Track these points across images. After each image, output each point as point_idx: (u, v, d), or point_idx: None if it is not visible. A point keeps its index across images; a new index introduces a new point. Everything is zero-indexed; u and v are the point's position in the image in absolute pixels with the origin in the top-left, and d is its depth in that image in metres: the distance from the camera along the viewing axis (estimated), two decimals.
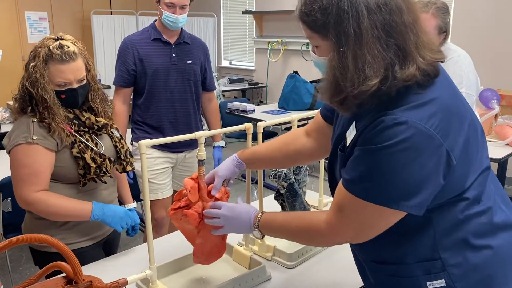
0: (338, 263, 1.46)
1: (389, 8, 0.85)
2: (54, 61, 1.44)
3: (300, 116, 1.56)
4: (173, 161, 2.41)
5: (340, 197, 0.94)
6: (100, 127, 1.57)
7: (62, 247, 1.09)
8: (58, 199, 1.47)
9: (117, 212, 1.54)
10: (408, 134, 0.83)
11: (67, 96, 1.49)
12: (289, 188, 1.50)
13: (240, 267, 1.42)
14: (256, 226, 1.11)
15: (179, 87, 2.33)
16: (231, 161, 1.30)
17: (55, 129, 1.44)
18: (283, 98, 4.49)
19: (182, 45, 2.34)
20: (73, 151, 1.48)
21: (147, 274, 1.22)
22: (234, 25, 7.16)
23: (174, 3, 2.18)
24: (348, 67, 0.85)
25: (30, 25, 6.17)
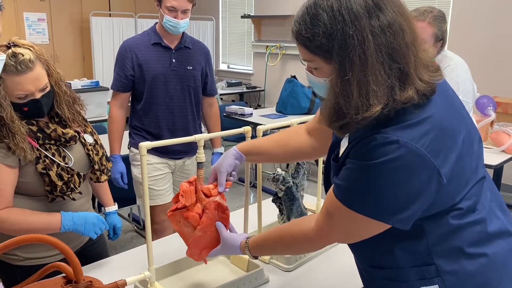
0: (335, 266, 1.47)
1: (393, 30, 0.84)
2: (9, 73, 1.29)
3: (299, 120, 1.57)
4: (172, 168, 2.38)
5: (330, 203, 0.96)
6: (67, 139, 1.44)
7: (63, 247, 1.10)
8: (22, 215, 1.37)
9: (88, 218, 1.44)
10: (399, 153, 0.84)
11: (30, 108, 1.37)
12: (287, 191, 1.51)
13: (238, 270, 1.43)
14: (247, 252, 1.17)
15: (179, 94, 2.28)
16: (231, 154, 1.31)
17: (14, 150, 1.32)
18: (281, 102, 4.51)
19: (183, 50, 2.29)
20: (37, 167, 1.37)
21: (146, 276, 1.23)
22: (232, 29, 7.18)
23: (175, 7, 2.12)
24: (353, 94, 0.84)
25: (28, 26, 6.16)
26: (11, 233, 1.37)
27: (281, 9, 6.18)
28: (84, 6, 6.59)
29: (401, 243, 0.96)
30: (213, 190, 1.26)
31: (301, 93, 4.40)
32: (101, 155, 1.58)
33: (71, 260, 1.10)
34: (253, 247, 1.15)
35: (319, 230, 1.00)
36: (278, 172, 1.49)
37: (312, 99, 4.42)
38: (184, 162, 2.41)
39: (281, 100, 4.51)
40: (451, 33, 4.65)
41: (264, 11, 6.44)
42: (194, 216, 1.21)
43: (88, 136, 1.56)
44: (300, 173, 1.56)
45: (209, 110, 2.51)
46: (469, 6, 4.47)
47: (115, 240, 1.70)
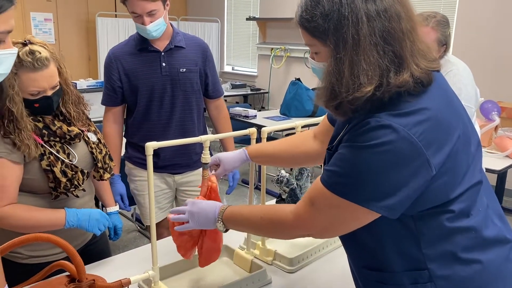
0: (339, 268, 1.48)
1: (388, 15, 0.86)
2: (26, 69, 1.32)
3: (304, 122, 1.57)
4: (171, 185, 2.17)
5: (314, 190, 0.95)
6: (72, 136, 1.46)
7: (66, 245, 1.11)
8: (27, 211, 1.38)
9: (92, 215, 1.45)
10: (390, 138, 0.84)
11: (41, 105, 1.39)
12: (291, 193, 1.51)
13: (241, 271, 1.44)
14: (220, 218, 1.11)
15: (175, 101, 2.02)
16: (240, 156, 1.34)
17: (19, 146, 1.34)
18: (285, 105, 4.52)
19: (174, 51, 2.01)
20: (42, 164, 1.38)
21: (150, 275, 1.24)
22: (237, 31, 7.20)
23: (137, 12, 1.85)
24: (344, 73, 0.87)
25: (35, 25, 6.20)
26: (15, 229, 1.39)
27: (286, 12, 6.19)
28: (90, 6, 6.62)
29: (394, 244, 0.96)
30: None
31: (305, 95, 4.41)
32: (104, 153, 1.59)
33: (74, 259, 1.12)
34: (227, 218, 1.11)
35: (297, 215, 0.98)
36: (282, 174, 1.50)
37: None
38: (186, 179, 2.18)
39: (285, 102, 4.53)
40: (456, 38, 4.64)
41: (269, 13, 6.45)
42: None
43: (91, 134, 1.57)
44: (304, 175, 1.57)
45: (217, 114, 2.24)
46: (474, 11, 4.47)
47: (116, 240, 1.70)
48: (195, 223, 1.16)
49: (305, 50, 5.94)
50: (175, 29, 2.05)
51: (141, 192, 2.16)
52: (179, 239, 1.25)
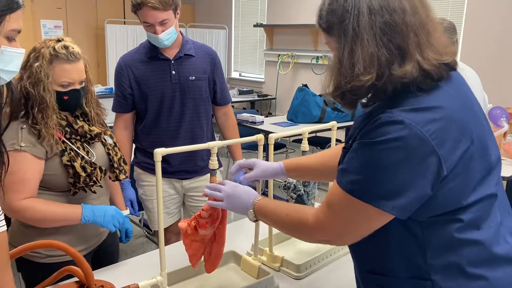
0: (346, 275, 1.47)
1: (391, 8, 0.88)
2: (60, 60, 1.42)
3: (311, 129, 1.58)
4: (179, 190, 2.18)
5: (331, 192, 0.95)
6: (93, 136, 1.53)
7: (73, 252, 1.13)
8: (45, 205, 1.43)
9: (108, 211, 1.49)
10: (402, 134, 0.83)
11: (70, 97, 1.47)
12: (298, 199, 1.52)
13: (249, 277, 1.44)
14: (252, 208, 1.13)
15: (184, 109, 2.05)
16: (275, 168, 1.35)
17: (45, 136, 1.40)
18: (292, 111, 4.53)
19: (184, 59, 2.04)
20: (63, 159, 1.44)
21: (158, 281, 1.24)
22: (245, 37, 7.24)
23: (149, 22, 1.89)
24: (344, 62, 0.90)
25: (45, 33, 6.29)
26: (33, 222, 1.44)
27: (293, 18, 6.22)
28: (99, 13, 6.71)
29: (400, 251, 0.95)
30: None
31: (312, 101, 4.42)
32: (119, 156, 1.64)
33: (82, 265, 1.13)
34: (259, 209, 1.12)
35: (316, 218, 0.97)
36: (289, 180, 1.50)
37: (323, 108, 4.43)
38: (192, 184, 2.19)
39: (292, 108, 4.53)
40: (464, 44, 4.63)
41: (276, 20, 6.49)
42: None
43: (108, 137, 1.63)
44: (311, 182, 1.57)
45: (224, 121, 2.26)
46: (482, 17, 4.46)
47: (126, 242, 1.73)
48: (228, 204, 1.18)
49: (312, 56, 5.96)
50: (185, 37, 2.08)
51: (149, 197, 2.18)
52: (191, 247, 1.26)
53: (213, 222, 1.23)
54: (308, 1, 6.05)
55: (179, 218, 2.31)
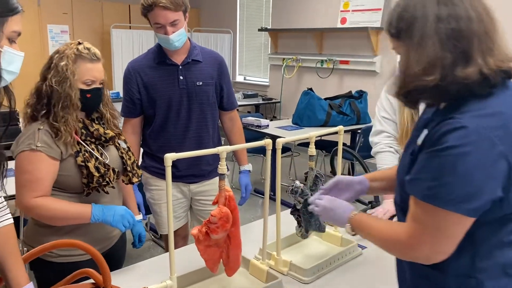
0: (354, 279, 1.48)
1: (458, 16, 0.94)
2: (84, 60, 1.51)
3: (318, 133, 1.59)
4: (186, 194, 2.19)
5: (411, 207, 0.99)
6: (107, 139, 1.59)
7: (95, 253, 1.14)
8: (57, 203, 1.48)
9: (117, 210, 1.52)
10: (472, 138, 0.88)
11: (92, 95, 1.54)
12: (305, 204, 1.52)
13: (257, 281, 1.45)
14: (349, 222, 1.20)
15: (191, 114, 2.07)
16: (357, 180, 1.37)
17: (63, 134, 1.46)
18: (297, 114, 4.54)
19: (191, 65, 2.06)
20: (77, 160, 1.49)
21: (168, 284, 1.25)
22: (249, 41, 7.27)
23: (160, 23, 1.89)
24: (411, 64, 0.97)
25: (51, 37, 6.34)
26: (45, 220, 1.49)
27: (298, 23, 6.24)
28: (105, 18, 6.75)
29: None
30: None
31: (317, 105, 4.43)
32: (132, 160, 1.68)
33: (102, 267, 1.14)
34: (355, 224, 1.19)
35: (408, 235, 0.99)
36: (296, 185, 1.50)
37: (328, 111, 4.43)
38: (199, 188, 2.20)
39: (297, 112, 4.54)
40: None
41: (281, 24, 6.51)
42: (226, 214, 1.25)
43: (122, 142, 1.68)
44: (318, 186, 1.57)
45: (231, 125, 2.27)
46: None
47: (140, 247, 1.75)
48: (325, 217, 1.30)
49: (317, 60, 5.97)
50: (193, 43, 2.10)
51: (157, 201, 2.20)
52: (206, 252, 1.28)
53: (224, 226, 1.24)
54: (312, 6, 6.07)
55: (186, 222, 2.33)
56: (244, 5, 7.24)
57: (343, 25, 5.64)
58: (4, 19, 0.93)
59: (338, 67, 5.80)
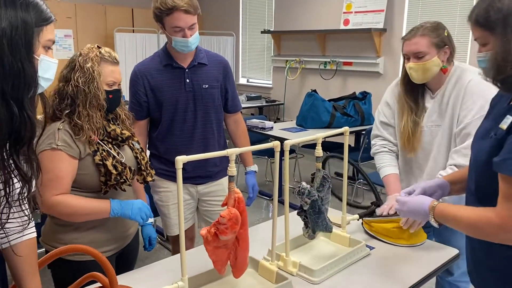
0: (360, 280, 1.48)
1: None
2: (107, 62, 1.60)
3: (325, 134, 1.60)
4: (194, 195, 2.22)
5: (502, 188, 1.05)
6: (124, 139, 1.66)
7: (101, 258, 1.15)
8: (77, 199, 1.54)
9: (135, 204, 1.60)
10: None
11: (113, 96, 1.62)
12: (312, 204, 1.53)
13: (266, 282, 1.46)
14: (432, 214, 1.28)
15: (197, 116, 2.10)
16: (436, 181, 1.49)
17: (85, 131, 1.53)
18: (301, 116, 4.55)
19: (197, 68, 2.09)
20: (95, 159, 1.55)
21: (179, 286, 1.26)
22: (252, 44, 7.29)
23: (180, 26, 1.92)
24: (510, 51, 1.07)
25: (56, 42, 6.35)
26: (65, 217, 1.55)
27: (300, 25, 6.25)
28: (108, 22, 6.78)
29: None
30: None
31: (321, 107, 4.43)
32: (146, 160, 1.74)
33: (107, 270, 1.16)
34: (439, 214, 1.26)
35: (500, 216, 1.06)
36: (303, 186, 1.51)
37: (333, 113, 4.44)
38: (206, 189, 2.23)
39: (301, 113, 4.55)
40: (474, 45, 4.63)
41: (283, 26, 6.52)
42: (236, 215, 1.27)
43: (135, 143, 1.75)
44: (325, 187, 1.58)
45: (235, 128, 2.31)
46: None
47: (150, 250, 1.79)
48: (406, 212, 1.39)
49: (320, 62, 5.98)
50: (198, 47, 2.12)
51: (165, 203, 2.21)
52: (214, 253, 1.29)
53: (233, 227, 1.25)
54: (315, 7, 6.08)
55: (193, 223, 2.35)
56: (246, 7, 7.26)
57: (346, 27, 5.65)
58: (39, 29, 0.96)
59: (341, 69, 5.81)
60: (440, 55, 1.75)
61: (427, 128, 1.86)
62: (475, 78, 1.74)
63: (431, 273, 1.56)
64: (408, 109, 1.88)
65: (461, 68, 1.82)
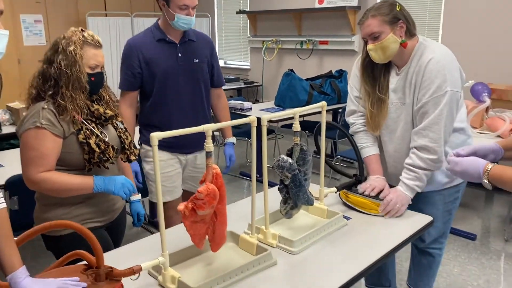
0: (340, 248, 1.53)
1: None
2: (89, 45, 1.62)
3: (302, 109, 1.61)
4: (183, 163, 2.39)
5: None
6: (107, 118, 1.69)
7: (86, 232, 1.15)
8: (61, 176, 1.58)
9: (118, 179, 1.65)
10: None
11: (96, 78, 1.64)
12: (293, 178, 1.53)
13: (247, 255, 1.49)
14: (486, 178, 1.29)
15: (188, 88, 2.28)
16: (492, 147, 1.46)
17: (69, 111, 1.56)
18: (279, 96, 4.56)
19: (188, 44, 2.28)
20: (79, 137, 1.59)
21: (160, 261, 1.28)
22: (228, 25, 7.22)
23: (188, 4, 2.12)
24: None
25: (25, 28, 6.18)
26: (50, 193, 1.60)
27: (276, 4, 6.22)
28: (80, 6, 6.60)
29: None
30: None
31: (299, 86, 4.46)
32: (130, 140, 1.79)
33: (94, 246, 1.16)
34: (494, 177, 1.27)
35: None
36: (283, 160, 1.50)
37: (310, 92, 4.47)
38: (196, 157, 2.42)
39: (279, 93, 4.56)
40: (446, 20, 4.70)
41: (259, 6, 6.47)
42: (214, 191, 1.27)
43: (119, 123, 1.79)
44: (306, 160, 1.58)
45: (217, 102, 2.51)
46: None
47: (139, 226, 1.85)
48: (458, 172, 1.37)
49: (297, 41, 5.98)
50: None
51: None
52: (192, 228, 1.30)
53: (210, 202, 1.27)
54: None
55: (182, 193, 2.46)
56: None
57: (321, 5, 5.65)
58: None
59: (317, 48, 5.82)
60: (396, 31, 1.74)
61: (392, 105, 1.87)
62: (436, 57, 1.73)
63: (407, 240, 1.62)
64: (370, 90, 1.88)
65: (424, 45, 1.80)
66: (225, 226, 1.39)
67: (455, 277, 2.75)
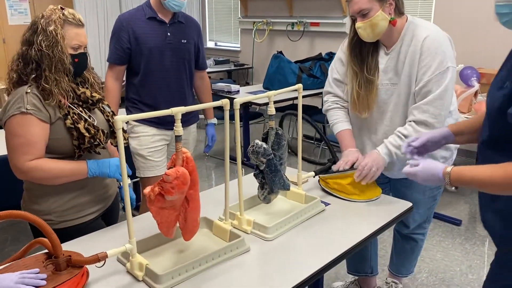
0: (314, 235, 1.50)
1: None
2: (71, 25, 1.52)
3: (276, 92, 1.57)
4: (169, 138, 2.46)
5: None
6: (94, 101, 1.62)
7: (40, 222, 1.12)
8: (53, 162, 1.49)
9: (112, 161, 1.58)
10: None
11: (80, 59, 1.55)
12: (269, 163, 1.50)
13: (220, 241, 1.45)
14: (448, 181, 1.24)
15: (174, 66, 2.36)
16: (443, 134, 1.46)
17: (54, 96, 1.47)
18: (268, 79, 4.50)
19: (177, 25, 2.35)
20: (66, 122, 1.50)
21: (127, 248, 1.24)
22: (218, 5, 7.09)
23: None
24: None
25: (10, 6, 6.02)
26: (42, 181, 1.51)
27: None
28: None
29: None
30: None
31: (287, 68, 4.39)
32: None
33: (49, 236, 1.13)
34: (456, 179, 1.22)
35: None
36: (258, 145, 1.47)
37: (299, 74, 4.41)
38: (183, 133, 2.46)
39: (268, 76, 4.50)
40: (437, 5, 4.62)
41: None
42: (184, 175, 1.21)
43: (106, 106, 1.72)
44: (281, 145, 1.55)
45: (200, 84, 2.60)
46: None
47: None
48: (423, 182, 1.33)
49: (288, 23, 5.88)
50: None
51: (144, 146, 2.40)
52: (159, 214, 1.24)
53: (180, 187, 1.21)
54: None
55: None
56: None
57: None
58: None
59: (309, 29, 5.73)
60: (385, 8, 1.70)
61: (382, 86, 1.82)
62: (432, 34, 1.71)
63: (385, 225, 1.60)
64: (358, 70, 1.84)
65: (414, 23, 1.77)
66: (198, 213, 1.32)
67: (438, 263, 2.75)
